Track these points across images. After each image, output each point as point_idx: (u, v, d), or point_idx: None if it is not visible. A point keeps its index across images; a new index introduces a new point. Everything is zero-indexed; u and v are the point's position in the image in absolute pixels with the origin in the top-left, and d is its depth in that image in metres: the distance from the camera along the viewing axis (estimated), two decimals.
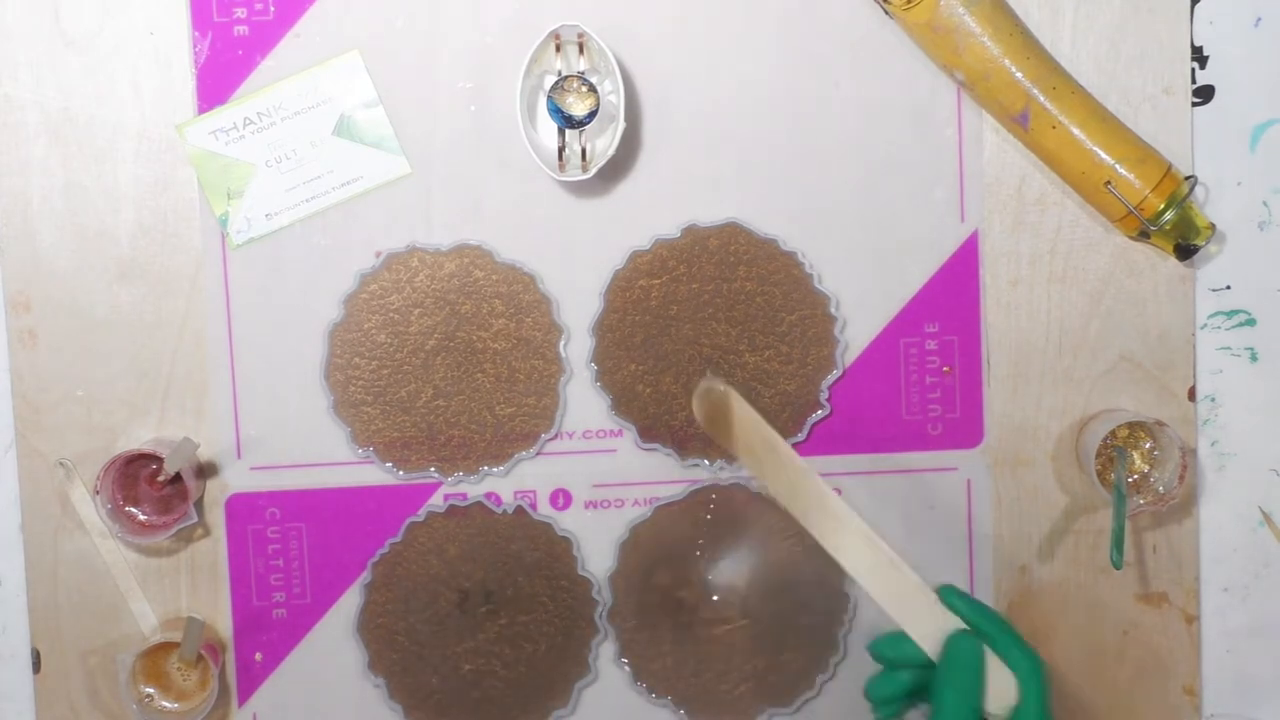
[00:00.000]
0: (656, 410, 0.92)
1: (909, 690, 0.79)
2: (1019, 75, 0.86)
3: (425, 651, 0.92)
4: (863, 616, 0.92)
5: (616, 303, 0.91)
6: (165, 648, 0.89)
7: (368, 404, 0.91)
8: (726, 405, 0.81)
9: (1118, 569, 0.84)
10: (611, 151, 0.86)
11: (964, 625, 0.78)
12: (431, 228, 0.91)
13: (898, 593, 0.79)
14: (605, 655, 0.93)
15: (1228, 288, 0.93)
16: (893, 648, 0.80)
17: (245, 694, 0.92)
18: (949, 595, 0.79)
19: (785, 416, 0.91)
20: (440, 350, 0.91)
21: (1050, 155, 0.88)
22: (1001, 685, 0.77)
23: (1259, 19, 0.92)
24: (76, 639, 0.91)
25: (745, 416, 0.81)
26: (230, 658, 0.92)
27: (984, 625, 0.78)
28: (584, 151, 0.87)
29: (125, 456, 0.88)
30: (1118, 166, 0.86)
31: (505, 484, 0.92)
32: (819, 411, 0.92)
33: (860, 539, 0.79)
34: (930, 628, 0.78)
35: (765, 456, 0.80)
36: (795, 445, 0.91)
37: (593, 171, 0.86)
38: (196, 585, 0.92)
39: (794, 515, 0.80)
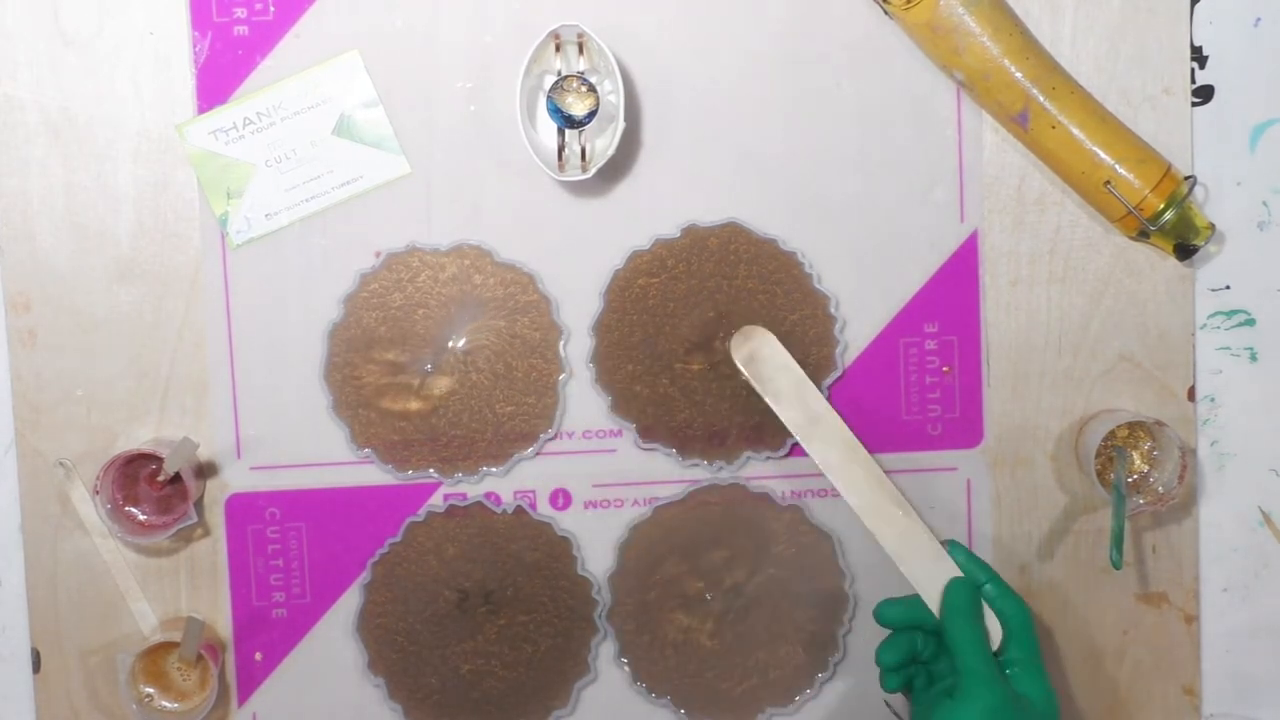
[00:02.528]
0: (656, 410, 0.92)
1: (915, 653, 0.85)
2: (1018, 75, 0.86)
3: (425, 651, 0.92)
4: (862, 616, 0.92)
5: (616, 302, 0.91)
6: (165, 648, 0.89)
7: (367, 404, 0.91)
8: (763, 344, 0.88)
9: (1117, 569, 0.85)
10: (611, 151, 0.86)
11: (959, 574, 0.85)
12: (431, 228, 0.91)
13: (906, 539, 0.86)
14: (605, 655, 0.93)
15: (1227, 288, 0.93)
16: (900, 610, 0.86)
17: (245, 694, 0.92)
18: (952, 546, 0.86)
19: None
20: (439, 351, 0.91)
21: (1050, 155, 0.88)
22: (992, 630, 0.84)
23: (1259, 19, 0.92)
24: (76, 639, 0.91)
25: (777, 357, 0.88)
26: (230, 657, 0.92)
27: (974, 570, 0.85)
28: (584, 151, 0.87)
29: (125, 456, 0.88)
30: (1117, 166, 0.86)
31: (505, 484, 0.92)
32: None
33: (875, 483, 0.87)
34: (932, 576, 0.85)
35: (793, 395, 0.88)
36: (795, 445, 0.92)
37: (592, 171, 0.86)
38: (196, 585, 0.92)
39: (812, 456, 0.87)
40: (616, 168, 0.91)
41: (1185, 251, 0.88)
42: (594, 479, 0.92)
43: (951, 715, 0.79)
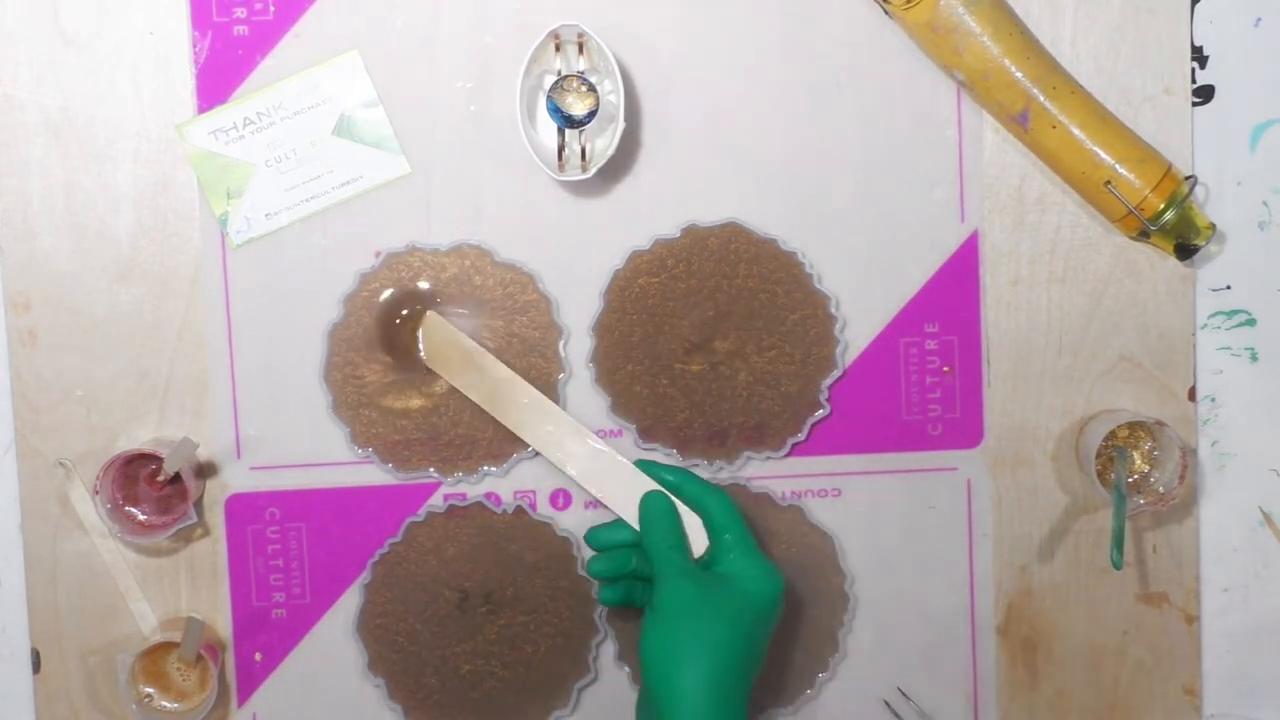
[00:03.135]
0: (656, 410, 0.91)
1: (626, 569, 0.87)
2: (1019, 75, 0.86)
3: (425, 652, 0.92)
4: (862, 616, 0.92)
5: (616, 302, 0.91)
6: (165, 648, 0.89)
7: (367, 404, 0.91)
8: (431, 329, 0.90)
9: (1118, 569, 0.84)
10: (611, 151, 0.86)
11: (657, 488, 0.87)
12: (431, 228, 0.91)
13: (601, 472, 0.89)
14: (605, 655, 0.93)
15: (1228, 288, 0.93)
16: (607, 533, 0.88)
17: (245, 694, 0.92)
18: (642, 464, 0.89)
19: (786, 417, 0.91)
20: None
21: (1050, 155, 0.88)
22: (701, 533, 0.86)
23: (1259, 19, 0.92)
24: (76, 639, 0.91)
25: (446, 335, 0.90)
26: (230, 658, 0.92)
27: (671, 479, 0.88)
28: (584, 151, 0.87)
29: (125, 456, 0.88)
30: (1118, 166, 0.86)
31: (505, 484, 0.92)
32: (819, 411, 0.92)
33: (565, 428, 0.89)
34: (631, 497, 0.87)
35: (467, 369, 0.90)
36: (795, 445, 0.92)
37: (592, 171, 0.86)
38: (196, 585, 0.92)
39: (495, 415, 0.89)
40: (616, 168, 0.91)
41: (1186, 251, 0.88)
42: None
43: (649, 618, 0.82)
